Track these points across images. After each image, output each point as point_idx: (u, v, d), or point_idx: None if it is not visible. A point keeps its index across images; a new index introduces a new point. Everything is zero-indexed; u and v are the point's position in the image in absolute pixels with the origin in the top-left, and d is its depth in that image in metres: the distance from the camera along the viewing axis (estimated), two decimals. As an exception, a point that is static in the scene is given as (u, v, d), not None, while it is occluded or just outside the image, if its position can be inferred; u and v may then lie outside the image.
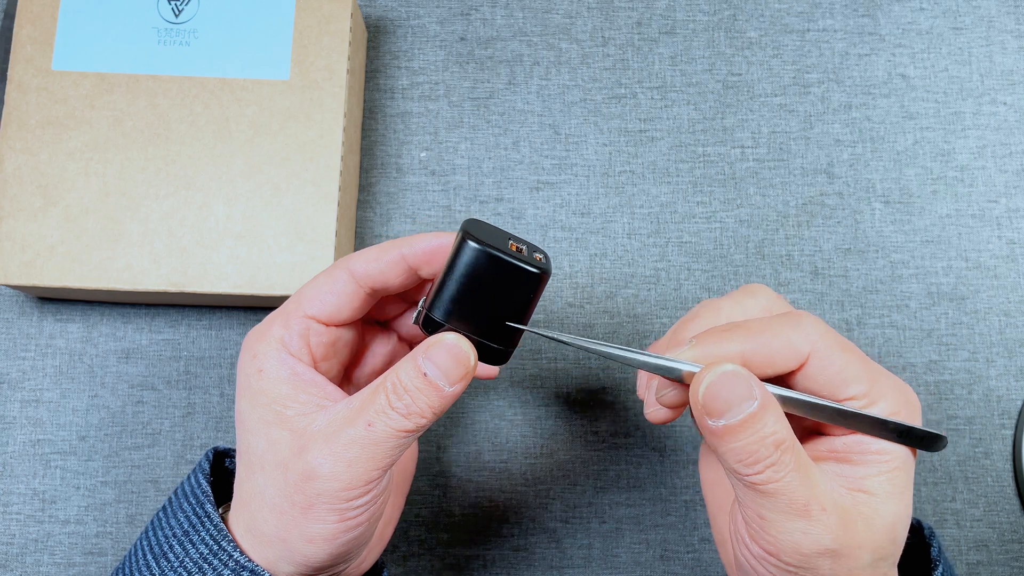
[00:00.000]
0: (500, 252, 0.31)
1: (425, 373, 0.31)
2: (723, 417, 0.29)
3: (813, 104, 0.52)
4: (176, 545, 0.33)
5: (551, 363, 0.49)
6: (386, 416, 0.31)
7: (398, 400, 0.31)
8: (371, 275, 0.34)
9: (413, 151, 0.51)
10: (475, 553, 0.47)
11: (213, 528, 0.33)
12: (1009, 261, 0.50)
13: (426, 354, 0.31)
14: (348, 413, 0.31)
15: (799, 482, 0.29)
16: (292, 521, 0.31)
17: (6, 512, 0.47)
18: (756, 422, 0.29)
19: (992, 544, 0.47)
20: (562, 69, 0.53)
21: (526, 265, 0.31)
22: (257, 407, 0.32)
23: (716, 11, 0.54)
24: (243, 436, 0.33)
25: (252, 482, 0.32)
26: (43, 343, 0.49)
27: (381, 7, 0.53)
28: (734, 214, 0.51)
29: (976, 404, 0.49)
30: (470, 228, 0.31)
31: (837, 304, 0.50)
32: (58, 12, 0.47)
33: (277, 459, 0.31)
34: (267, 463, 0.32)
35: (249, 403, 0.32)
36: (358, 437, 0.30)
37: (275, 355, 0.33)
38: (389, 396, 0.31)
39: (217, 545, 0.32)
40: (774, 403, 0.30)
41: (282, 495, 0.31)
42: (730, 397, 0.29)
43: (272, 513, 0.31)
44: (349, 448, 0.30)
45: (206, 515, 0.33)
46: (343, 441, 0.30)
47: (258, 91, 0.47)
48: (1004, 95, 0.53)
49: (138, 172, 0.46)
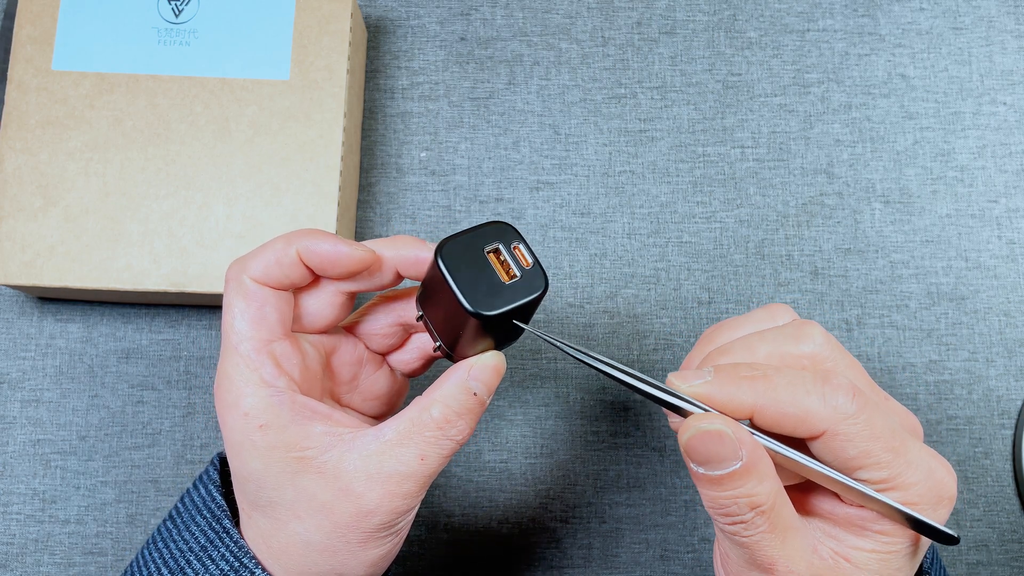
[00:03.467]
0: (454, 282, 0.30)
1: (475, 393, 0.31)
2: (702, 467, 0.28)
3: (813, 104, 0.52)
4: (194, 560, 0.33)
5: (551, 363, 0.49)
6: (439, 446, 0.31)
7: (452, 428, 0.31)
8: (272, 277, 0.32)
9: (413, 151, 0.51)
10: (475, 553, 0.47)
11: (233, 544, 0.32)
12: (1009, 261, 0.50)
13: (472, 375, 0.32)
14: (385, 447, 0.31)
15: (769, 542, 0.28)
16: (349, 555, 0.31)
17: (6, 512, 0.47)
18: (734, 481, 0.28)
19: (992, 544, 0.47)
20: (562, 69, 0.53)
21: (464, 300, 0.30)
22: (274, 462, 0.31)
23: (716, 11, 0.54)
24: (261, 491, 0.32)
25: (286, 532, 0.32)
26: (43, 343, 0.49)
27: (381, 7, 0.53)
28: (734, 214, 0.51)
29: (976, 404, 0.49)
30: (446, 250, 0.31)
31: (837, 304, 0.50)
32: (58, 12, 0.47)
33: (315, 506, 0.31)
34: (302, 511, 0.31)
35: (263, 462, 0.31)
36: (411, 473, 0.31)
37: (268, 401, 0.31)
38: (443, 427, 0.31)
39: (239, 562, 0.32)
40: (763, 464, 0.28)
41: (333, 536, 0.31)
42: (711, 454, 0.28)
43: (323, 554, 0.31)
44: (402, 484, 0.31)
45: (224, 531, 0.33)
46: (396, 479, 0.31)
47: (258, 91, 0.47)
48: (1004, 95, 0.53)
49: (138, 172, 0.46)
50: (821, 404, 0.28)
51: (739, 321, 0.33)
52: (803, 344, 0.30)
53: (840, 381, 0.28)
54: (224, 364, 0.32)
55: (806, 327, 0.31)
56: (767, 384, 0.29)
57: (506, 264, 0.31)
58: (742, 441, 0.28)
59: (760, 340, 0.31)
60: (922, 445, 0.29)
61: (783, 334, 0.31)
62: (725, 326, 0.33)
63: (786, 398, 0.28)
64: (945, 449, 0.48)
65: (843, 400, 0.28)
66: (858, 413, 0.28)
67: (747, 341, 0.31)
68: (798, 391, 0.28)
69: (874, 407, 0.28)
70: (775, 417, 0.28)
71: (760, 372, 0.29)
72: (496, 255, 0.31)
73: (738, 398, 0.29)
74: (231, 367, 0.31)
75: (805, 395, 0.28)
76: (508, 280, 0.31)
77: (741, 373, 0.29)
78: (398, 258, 0.33)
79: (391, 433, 0.31)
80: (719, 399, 0.29)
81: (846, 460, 0.28)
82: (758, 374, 0.29)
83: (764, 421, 0.29)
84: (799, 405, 0.28)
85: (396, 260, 0.33)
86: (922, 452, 0.29)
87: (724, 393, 0.29)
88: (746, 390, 0.29)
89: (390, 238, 0.34)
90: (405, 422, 0.31)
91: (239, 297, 0.32)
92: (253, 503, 0.32)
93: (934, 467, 0.29)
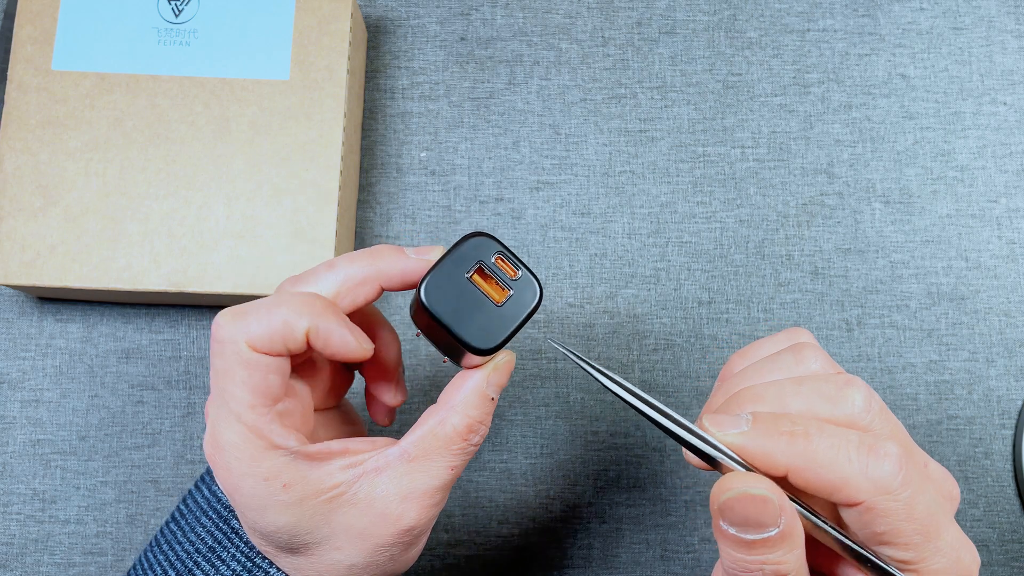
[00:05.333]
0: (448, 326, 0.29)
1: (492, 398, 0.32)
2: (734, 527, 0.27)
3: (813, 104, 0.52)
4: (203, 562, 0.32)
5: (551, 363, 0.49)
6: (465, 455, 0.31)
7: (475, 435, 0.31)
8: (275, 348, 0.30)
9: (413, 151, 0.51)
10: (475, 553, 0.47)
11: (243, 544, 0.32)
12: (1009, 261, 0.50)
13: (491, 382, 0.32)
14: (414, 468, 0.31)
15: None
16: (391, 563, 0.32)
17: (6, 512, 0.47)
18: (767, 547, 0.26)
19: (992, 544, 0.47)
20: (562, 69, 0.53)
21: (465, 340, 0.30)
22: (306, 512, 0.30)
23: (716, 11, 0.54)
24: (295, 538, 0.31)
25: (325, 562, 0.31)
26: (43, 343, 0.49)
27: (381, 7, 0.53)
28: (734, 214, 0.51)
29: (976, 404, 0.49)
30: (430, 290, 0.30)
31: (837, 304, 0.50)
32: (58, 12, 0.47)
33: (353, 534, 0.31)
34: (341, 542, 0.31)
35: (294, 515, 0.30)
36: (442, 484, 0.31)
37: (283, 461, 0.30)
38: (467, 437, 0.31)
39: (251, 562, 0.32)
40: (797, 532, 0.27)
41: (376, 555, 0.31)
42: (751, 518, 0.26)
43: (367, 570, 0.32)
44: (434, 496, 0.31)
45: (233, 531, 0.33)
46: (429, 494, 0.31)
47: (258, 91, 0.47)
48: (1004, 95, 0.53)
49: (138, 172, 0.46)
50: (863, 475, 0.26)
51: (762, 353, 0.32)
52: (841, 407, 0.28)
53: (888, 450, 0.26)
54: (223, 431, 0.30)
55: (848, 388, 0.28)
56: (807, 444, 0.27)
57: (493, 282, 0.30)
58: (783, 508, 0.26)
59: (795, 394, 0.29)
60: (955, 528, 0.28)
61: (821, 393, 0.29)
62: (749, 360, 0.32)
63: (826, 462, 0.26)
64: (945, 449, 0.48)
65: (888, 474, 0.26)
66: (900, 490, 0.26)
67: (780, 390, 0.29)
68: (840, 456, 0.26)
69: (919, 484, 0.26)
70: (811, 480, 0.27)
71: (801, 428, 0.27)
72: (481, 274, 0.30)
73: (775, 455, 0.27)
74: (235, 436, 0.30)
75: (847, 462, 0.26)
76: (501, 301, 0.30)
77: (781, 428, 0.27)
78: (380, 276, 0.32)
79: (415, 450, 0.31)
80: (753, 452, 0.27)
81: (873, 534, 0.27)
82: (799, 430, 0.27)
83: (797, 481, 0.27)
84: (839, 472, 0.26)
85: (378, 277, 0.32)
86: (953, 537, 0.27)
87: (760, 447, 0.27)
88: (784, 447, 0.27)
89: (370, 252, 0.32)
90: (428, 437, 0.31)
91: (239, 366, 0.30)
92: (283, 548, 0.31)
93: (962, 555, 0.27)
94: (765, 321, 0.49)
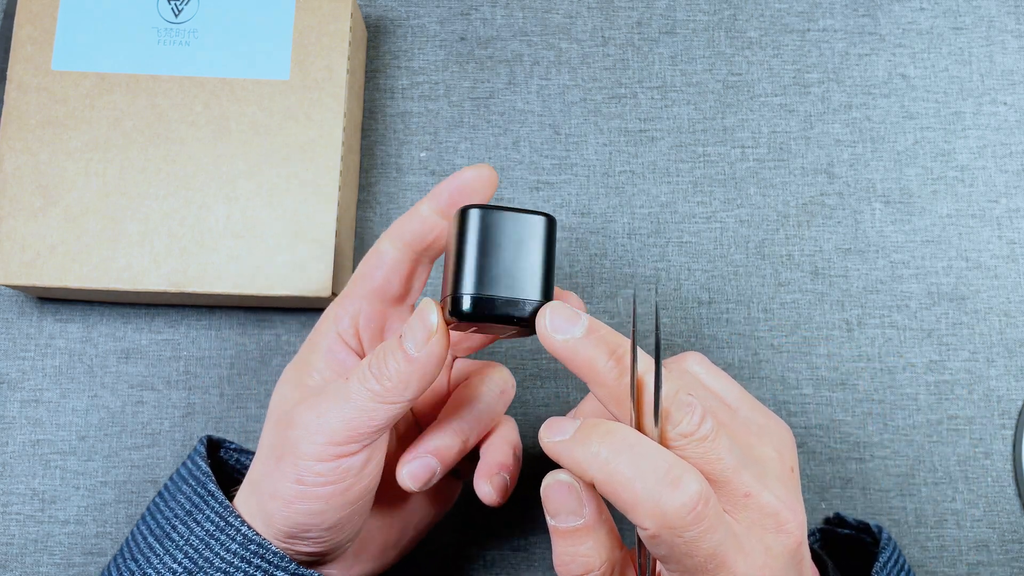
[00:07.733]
0: (502, 208, 0.31)
1: (400, 336, 0.31)
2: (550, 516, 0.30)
3: (813, 104, 0.52)
4: (180, 525, 0.33)
5: (551, 363, 0.49)
6: (361, 374, 0.31)
7: (376, 361, 0.31)
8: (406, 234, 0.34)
9: (413, 151, 0.51)
10: (475, 553, 0.47)
11: (218, 505, 0.33)
12: (1009, 261, 0.50)
13: (407, 322, 0.32)
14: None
15: None
16: (267, 470, 0.33)
17: (6, 512, 0.47)
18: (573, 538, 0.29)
19: (992, 544, 0.47)
20: (562, 69, 0.53)
21: (529, 212, 0.31)
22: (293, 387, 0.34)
23: (716, 11, 0.54)
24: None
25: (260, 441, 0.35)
26: (43, 343, 0.49)
27: (381, 7, 0.53)
28: (734, 214, 0.51)
29: (976, 404, 0.49)
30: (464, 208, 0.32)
31: (837, 304, 0.50)
32: (58, 12, 0.47)
33: (277, 412, 0.34)
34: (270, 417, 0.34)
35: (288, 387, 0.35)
36: (333, 389, 0.32)
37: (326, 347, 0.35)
38: (371, 360, 0.32)
39: (224, 521, 0.33)
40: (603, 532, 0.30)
41: (268, 443, 0.33)
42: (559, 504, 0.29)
43: (259, 461, 0.33)
44: (324, 400, 0.32)
45: (209, 493, 0.34)
46: (322, 395, 0.32)
47: (258, 91, 0.47)
48: (1004, 95, 0.53)
49: (138, 172, 0.46)
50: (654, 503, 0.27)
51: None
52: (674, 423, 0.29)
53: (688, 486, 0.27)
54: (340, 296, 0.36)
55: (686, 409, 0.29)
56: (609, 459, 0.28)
57: None
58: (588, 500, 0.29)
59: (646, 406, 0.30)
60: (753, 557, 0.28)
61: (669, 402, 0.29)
62: None
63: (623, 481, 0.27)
64: (945, 449, 0.48)
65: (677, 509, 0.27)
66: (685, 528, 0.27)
67: None
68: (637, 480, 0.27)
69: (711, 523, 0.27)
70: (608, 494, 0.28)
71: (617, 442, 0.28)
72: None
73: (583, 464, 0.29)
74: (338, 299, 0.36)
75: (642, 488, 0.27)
76: None
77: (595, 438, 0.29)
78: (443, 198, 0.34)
79: None
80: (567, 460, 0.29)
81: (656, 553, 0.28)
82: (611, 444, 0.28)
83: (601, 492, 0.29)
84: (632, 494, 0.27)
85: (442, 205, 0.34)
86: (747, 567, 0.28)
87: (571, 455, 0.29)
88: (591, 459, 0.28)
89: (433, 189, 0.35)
90: None
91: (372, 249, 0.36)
92: None
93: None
94: (765, 321, 0.49)
